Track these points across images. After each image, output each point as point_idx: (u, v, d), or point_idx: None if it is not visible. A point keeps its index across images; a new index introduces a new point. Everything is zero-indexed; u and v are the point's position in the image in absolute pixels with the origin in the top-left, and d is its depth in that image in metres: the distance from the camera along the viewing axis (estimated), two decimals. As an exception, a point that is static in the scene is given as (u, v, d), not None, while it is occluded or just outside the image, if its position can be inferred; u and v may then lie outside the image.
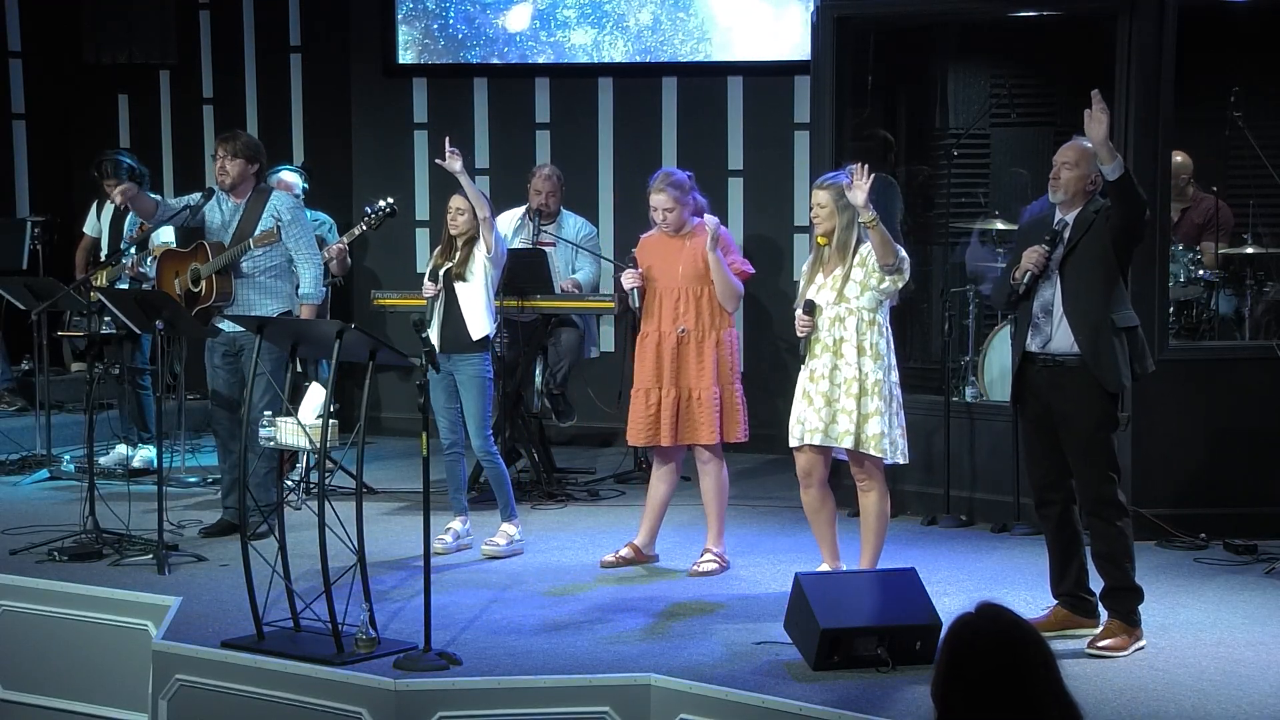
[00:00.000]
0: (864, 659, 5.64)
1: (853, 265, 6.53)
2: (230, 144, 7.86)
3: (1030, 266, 5.96)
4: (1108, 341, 5.89)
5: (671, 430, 7.16)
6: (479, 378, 7.47)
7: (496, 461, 7.59)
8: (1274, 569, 7.15)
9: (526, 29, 10.77)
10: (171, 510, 7.73)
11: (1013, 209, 8.97)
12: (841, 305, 6.52)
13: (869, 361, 6.51)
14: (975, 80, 9.44)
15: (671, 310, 7.20)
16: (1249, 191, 8.78)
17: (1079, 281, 5.93)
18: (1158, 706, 5.33)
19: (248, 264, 7.79)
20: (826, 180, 6.66)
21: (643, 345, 7.27)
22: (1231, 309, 8.58)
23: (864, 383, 6.49)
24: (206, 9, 11.61)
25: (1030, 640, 3.10)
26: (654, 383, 7.19)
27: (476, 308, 7.46)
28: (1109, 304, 5.91)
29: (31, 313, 9.00)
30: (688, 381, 7.16)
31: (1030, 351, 6.04)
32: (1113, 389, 5.92)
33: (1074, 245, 5.94)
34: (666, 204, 7.24)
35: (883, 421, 6.48)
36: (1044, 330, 6.00)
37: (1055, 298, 5.97)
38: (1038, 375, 6.04)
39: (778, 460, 9.58)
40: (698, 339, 7.17)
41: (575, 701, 5.58)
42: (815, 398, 6.54)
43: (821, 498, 6.69)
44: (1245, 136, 8.42)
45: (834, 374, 6.52)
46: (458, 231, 7.51)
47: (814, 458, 6.62)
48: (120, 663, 6.49)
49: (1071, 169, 5.97)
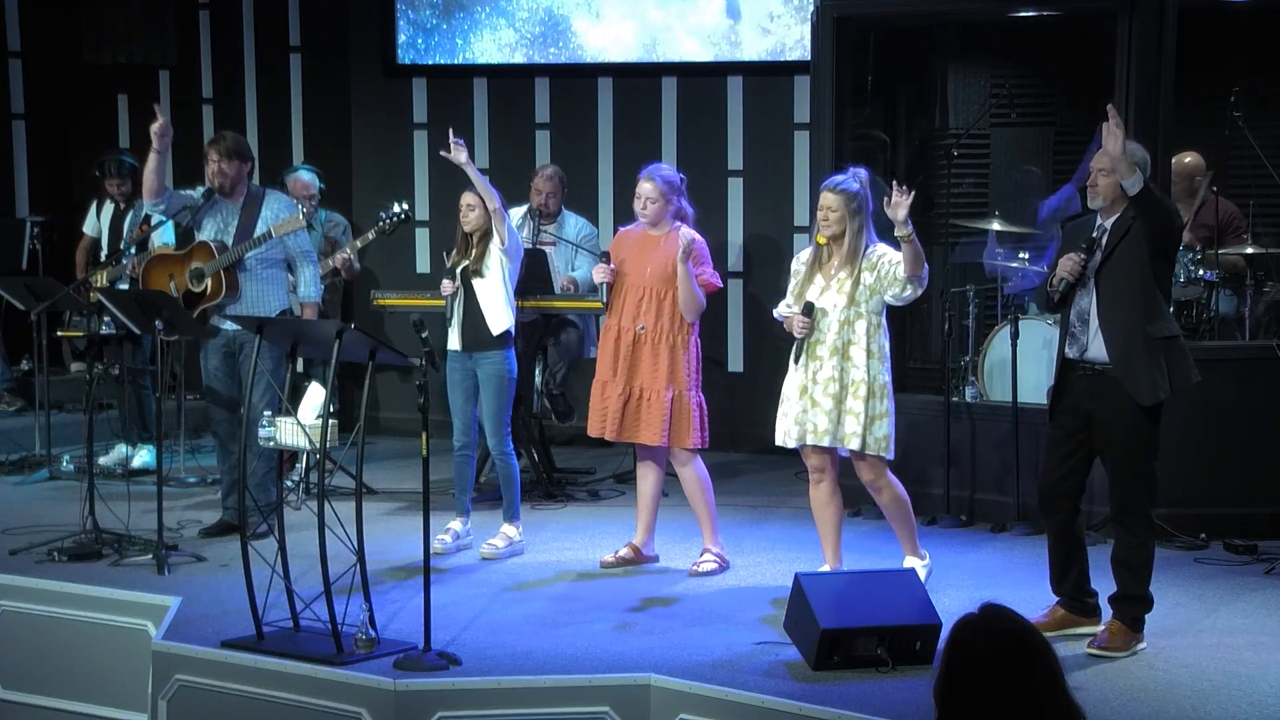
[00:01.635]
0: (864, 659, 5.64)
1: (862, 270, 6.53)
2: (222, 145, 7.86)
3: (1065, 275, 5.90)
4: (1140, 352, 5.80)
5: (617, 425, 7.18)
6: (501, 375, 7.46)
7: (511, 461, 7.58)
8: (1274, 569, 7.15)
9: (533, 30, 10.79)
10: (171, 510, 7.73)
11: (1013, 209, 8.97)
12: (851, 309, 6.53)
13: (876, 364, 6.54)
14: (975, 80, 9.43)
15: (634, 307, 7.21)
16: (1249, 191, 8.77)
17: (1113, 290, 5.84)
18: (1158, 706, 5.33)
19: (252, 259, 7.79)
20: (837, 185, 6.58)
21: (605, 338, 7.33)
22: (1231, 309, 8.58)
23: (872, 384, 6.52)
24: (206, 9, 11.61)
25: (1032, 642, 3.10)
26: (610, 376, 7.23)
27: (496, 303, 7.45)
28: (1144, 314, 5.82)
29: (31, 313, 8.99)
30: (640, 380, 7.17)
31: (1069, 359, 5.99)
32: (1145, 402, 5.80)
33: (1110, 252, 5.86)
34: (651, 194, 7.24)
35: (888, 422, 6.54)
36: (1080, 339, 5.94)
37: (1091, 306, 5.90)
38: (1077, 383, 5.97)
39: (777, 460, 9.58)
40: (654, 339, 7.17)
41: (575, 701, 5.58)
42: (823, 399, 6.55)
43: (830, 493, 6.71)
44: (1245, 136, 8.42)
45: (842, 375, 6.53)
46: (471, 227, 7.50)
47: (824, 456, 6.66)
48: (120, 663, 6.48)
49: (1108, 175, 5.83)
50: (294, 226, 7.71)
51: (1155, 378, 5.81)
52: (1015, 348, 8.04)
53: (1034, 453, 7.97)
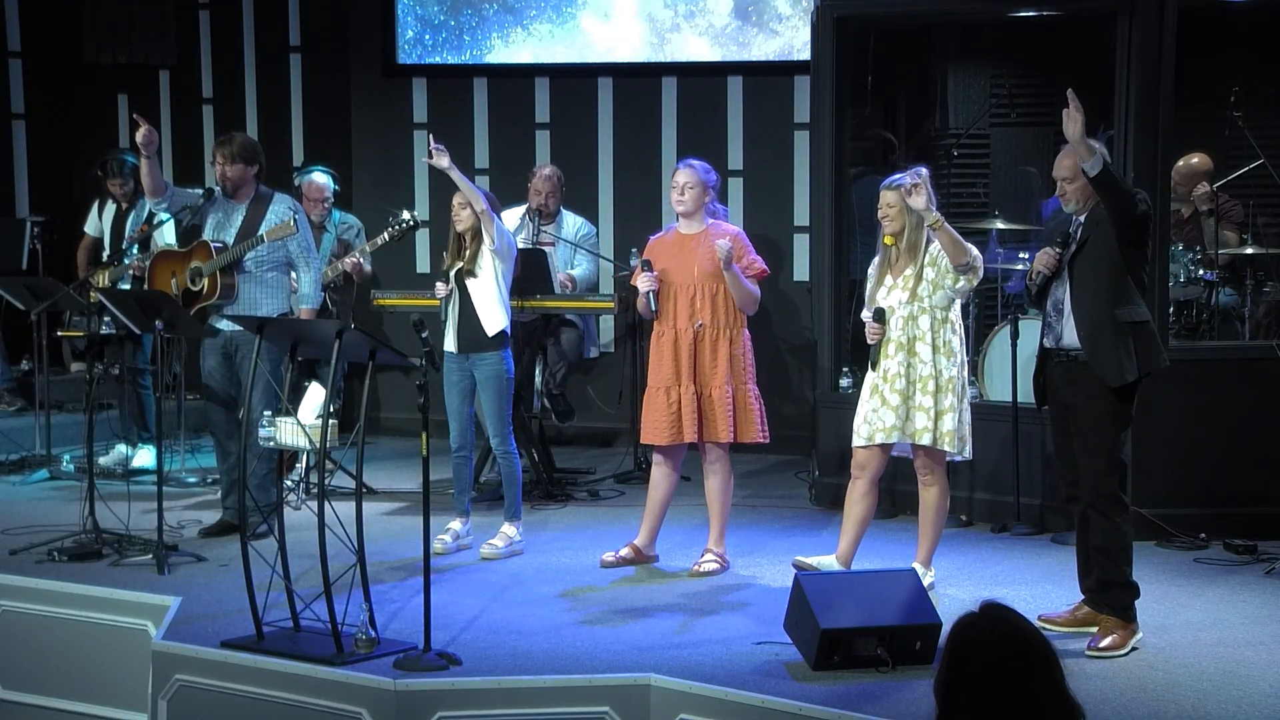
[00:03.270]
0: (864, 659, 5.64)
1: (924, 264, 6.61)
2: (227, 148, 7.86)
3: (1042, 268, 6.09)
4: (1107, 336, 5.93)
5: (694, 427, 7.14)
6: (499, 376, 7.46)
7: (514, 460, 7.58)
8: (1274, 569, 7.15)
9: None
10: (171, 510, 7.73)
11: (1013, 209, 8.98)
12: (915, 304, 6.60)
13: (943, 359, 6.60)
14: (975, 80, 9.44)
15: (687, 307, 7.18)
16: (1249, 191, 8.78)
17: (1085, 278, 6.01)
18: (1158, 706, 5.33)
19: (250, 262, 7.79)
20: (894, 181, 6.68)
21: (659, 344, 7.23)
22: (1233, 301, 8.58)
23: (939, 379, 6.57)
24: (206, 9, 11.61)
25: (1033, 641, 3.12)
26: (673, 380, 7.17)
27: (489, 302, 7.44)
28: (1112, 299, 5.95)
29: (31, 313, 9.00)
30: (704, 379, 7.15)
31: (1047, 348, 6.15)
32: (1112, 383, 5.94)
33: (1084, 243, 6.01)
34: (689, 180, 7.22)
35: (954, 418, 6.60)
36: (1056, 328, 6.11)
37: (1066, 295, 6.05)
38: (1054, 371, 6.14)
39: (780, 461, 9.60)
40: (713, 336, 7.16)
41: (575, 701, 5.58)
42: (890, 396, 6.60)
43: (866, 491, 6.73)
44: (1245, 136, 8.42)
45: (909, 371, 6.59)
46: (463, 227, 7.50)
47: (874, 453, 6.69)
48: (120, 663, 6.48)
49: (1071, 182, 6.03)
50: (285, 233, 7.68)
51: (1123, 360, 5.93)
52: (1015, 348, 8.04)
53: (1034, 453, 7.99)
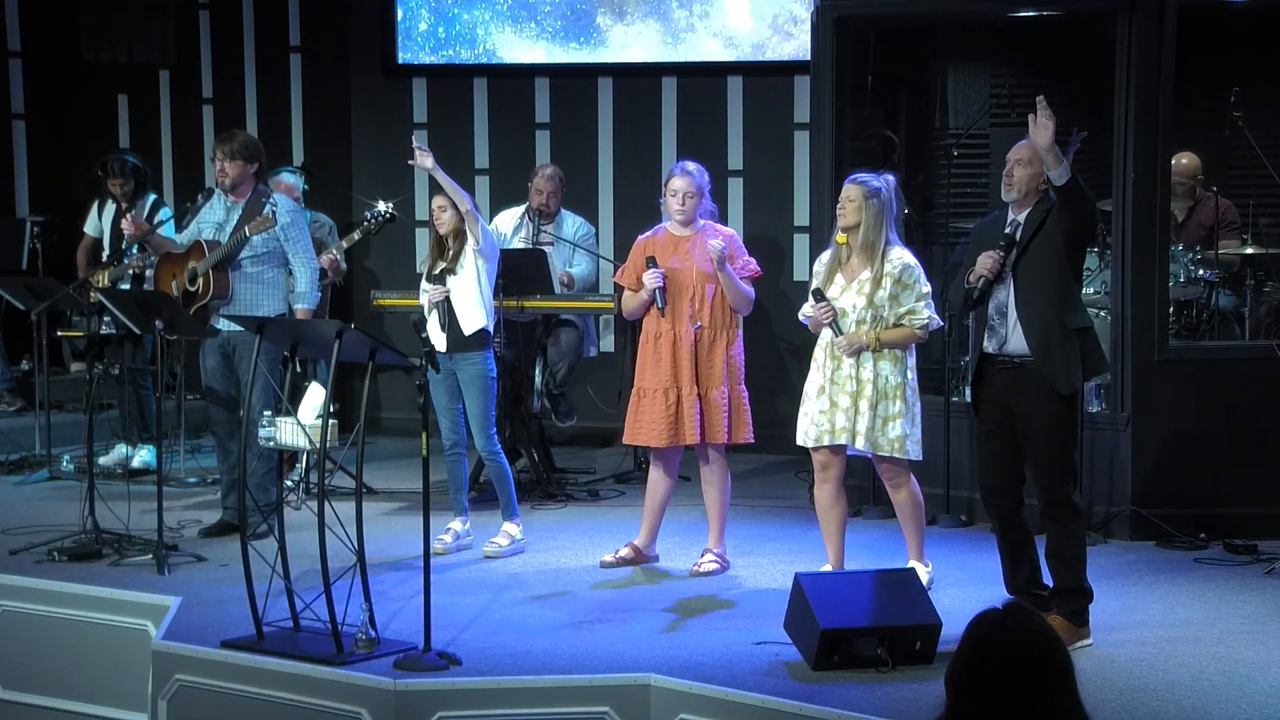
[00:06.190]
0: (864, 659, 5.64)
1: (884, 274, 6.55)
2: (228, 145, 7.86)
3: (985, 272, 5.99)
4: (1058, 343, 5.90)
5: (695, 429, 7.14)
6: (482, 376, 7.45)
7: (500, 460, 7.58)
8: (1274, 569, 7.15)
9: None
10: (171, 510, 7.73)
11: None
12: (869, 311, 6.56)
13: (887, 365, 6.57)
14: (975, 80, 9.43)
15: (685, 308, 7.18)
16: (1249, 191, 8.77)
17: (1031, 283, 5.95)
18: (1158, 706, 5.33)
19: (247, 260, 7.78)
20: (858, 178, 6.65)
21: (657, 345, 7.19)
22: (1231, 305, 8.57)
23: (883, 387, 6.55)
24: (206, 9, 11.60)
25: (1056, 646, 3.12)
26: (672, 382, 7.15)
27: (468, 301, 7.41)
28: (1060, 305, 5.92)
29: (31, 313, 9.00)
30: (703, 380, 7.15)
31: (988, 353, 6.07)
32: (1064, 390, 5.91)
33: (1025, 246, 5.96)
34: (689, 189, 7.21)
35: (905, 423, 6.56)
36: (999, 332, 6.03)
37: (1009, 299, 5.99)
38: (996, 377, 6.07)
39: (778, 461, 9.60)
40: (710, 338, 7.16)
41: (575, 701, 5.58)
42: (839, 399, 6.59)
43: (835, 495, 6.72)
44: (1245, 136, 8.42)
45: (858, 375, 6.57)
46: (446, 229, 7.48)
47: (831, 455, 6.67)
48: (120, 663, 6.48)
49: (1025, 167, 6.00)
50: (264, 226, 7.64)
51: (1072, 367, 5.92)
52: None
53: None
